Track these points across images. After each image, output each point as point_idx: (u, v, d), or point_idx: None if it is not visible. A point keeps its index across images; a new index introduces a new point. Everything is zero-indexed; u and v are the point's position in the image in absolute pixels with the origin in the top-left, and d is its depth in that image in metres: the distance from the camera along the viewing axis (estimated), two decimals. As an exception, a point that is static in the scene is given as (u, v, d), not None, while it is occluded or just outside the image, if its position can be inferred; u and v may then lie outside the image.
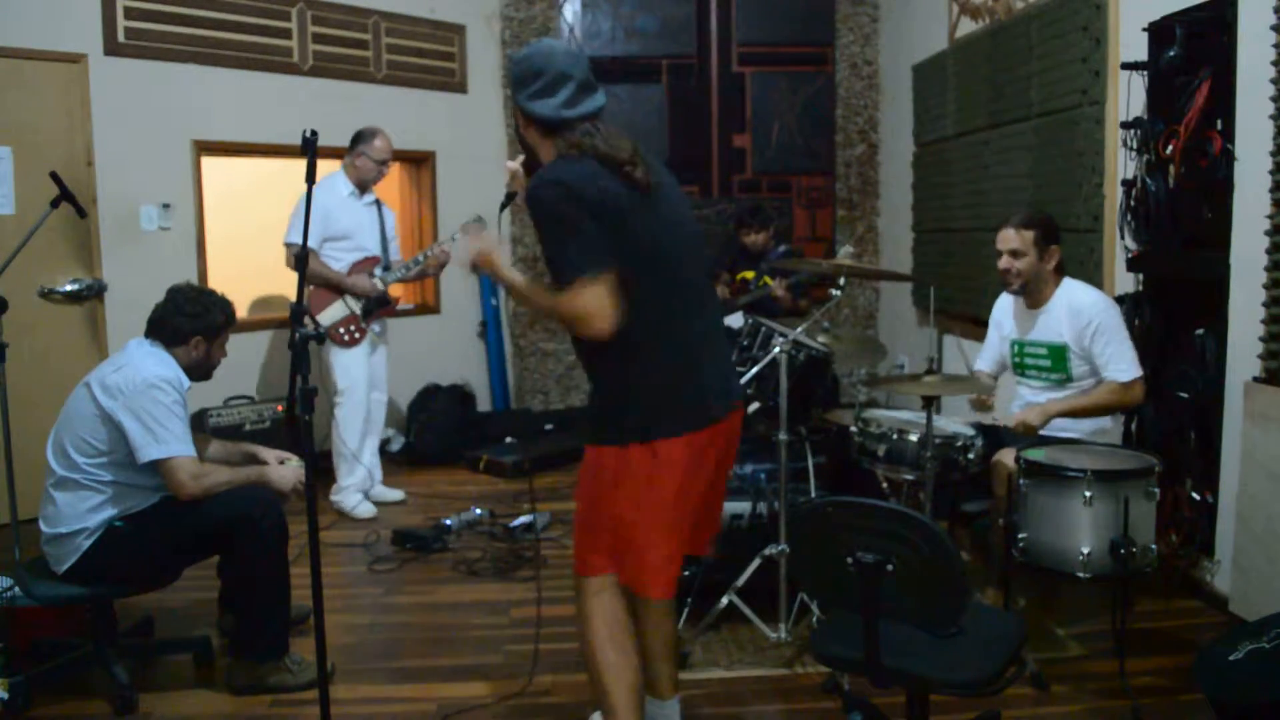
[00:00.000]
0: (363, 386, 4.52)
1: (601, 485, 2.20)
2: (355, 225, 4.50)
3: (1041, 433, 3.18)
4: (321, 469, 4.67)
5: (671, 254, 2.16)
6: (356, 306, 4.47)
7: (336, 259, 4.45)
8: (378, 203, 4.66)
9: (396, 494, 4.75)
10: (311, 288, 4.40)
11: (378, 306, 4.52)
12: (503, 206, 2.48)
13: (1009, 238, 3.21)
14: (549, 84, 2.15)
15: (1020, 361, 3.34)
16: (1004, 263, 3.23)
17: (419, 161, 5.88)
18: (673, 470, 2.15)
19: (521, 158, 2.37)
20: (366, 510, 4.53)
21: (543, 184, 2.09)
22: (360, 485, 4.60)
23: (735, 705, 2.74)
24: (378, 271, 4.55)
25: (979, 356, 3.58)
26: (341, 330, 4.44)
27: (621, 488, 2.16)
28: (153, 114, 4.64)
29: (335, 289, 4.42)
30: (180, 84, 4.72)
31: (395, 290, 4.77)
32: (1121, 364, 3.10)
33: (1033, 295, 3.25)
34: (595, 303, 2.02)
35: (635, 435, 2.14)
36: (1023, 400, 3.35)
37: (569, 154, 2.13)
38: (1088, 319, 3.12)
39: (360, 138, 4.49)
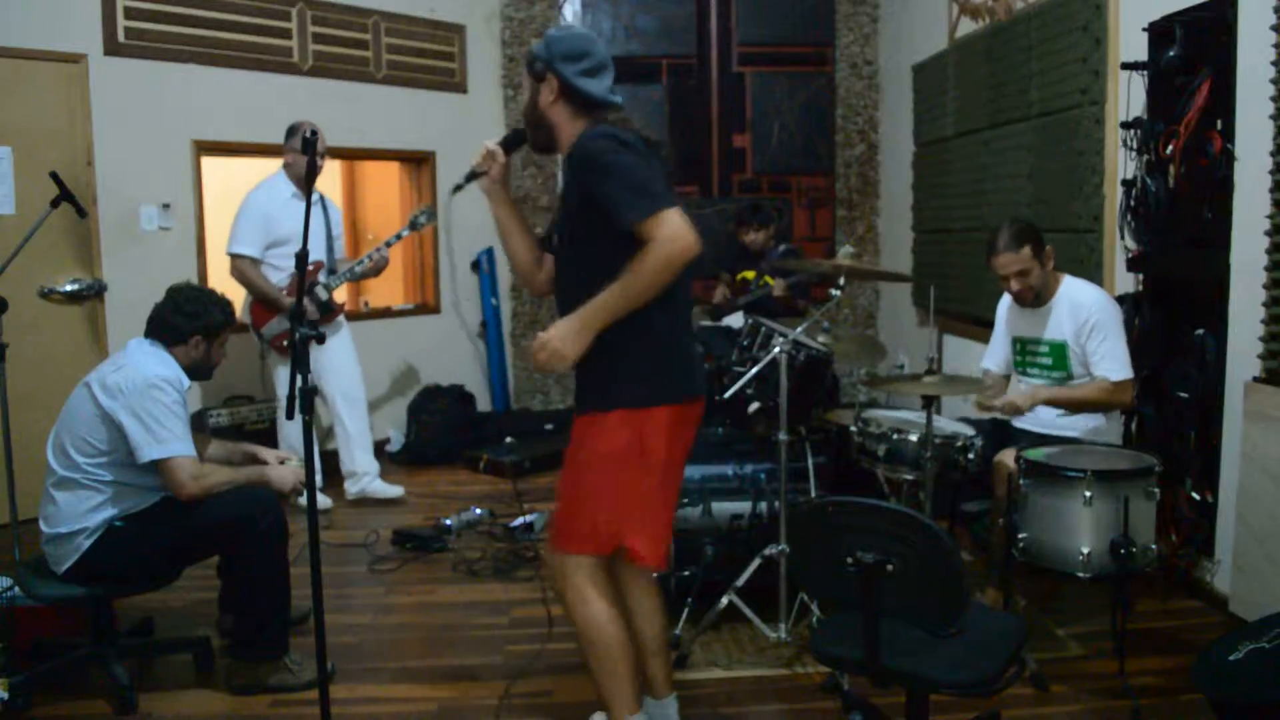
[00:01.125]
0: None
1: (594, 455, 2.19)
2: (298, 229, 4.39)
3: (1041, 432, 3.18)
4: (323, 469, 4.68)
5: None
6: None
7: (279, 266, 4.35)
8: (322, 200, 4.56)
9: (396, 490, 4.75)
10: (252, 299, 4.37)
11: (322, 315, 4.44)
12: (457, 188, 2.37)
13: (1009, 262, 3.16)
14: (597, 66, 2.19)
15: (1022, 359, 3.34)
16: (1015, 286, 3.19)
17: (419, 161, 5.88)
18: (660, 436, 2.16)
19: (499, 138, 2.35)
20: (383, 489, 4.59)
21: (601, 137, 2.10)
22: (366, 478, 4.67)
23: (735, 705, 2.74)
24: (322, 277, 4.44)
25: (986, 354, 3.57)
26: (285, 342, 4.32)
27: (614, 456, 2.16)
28: (153, 114, 4.64)
29: (275, 307, 4.35)
30: (180, 84, 4.72)
31: (342, 295, 4.65)
32: (1114, 363, 3.09)
33: (1038, 296, 3.25)
34: (684, 223, 2.00)
35: (631, 401, 2.14)
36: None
37: (616, 125, 2.14)
38: (1087, 315, 3.12)
39: (290, 132, 4.41)
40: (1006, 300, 3.45)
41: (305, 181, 2.32)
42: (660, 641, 2.43)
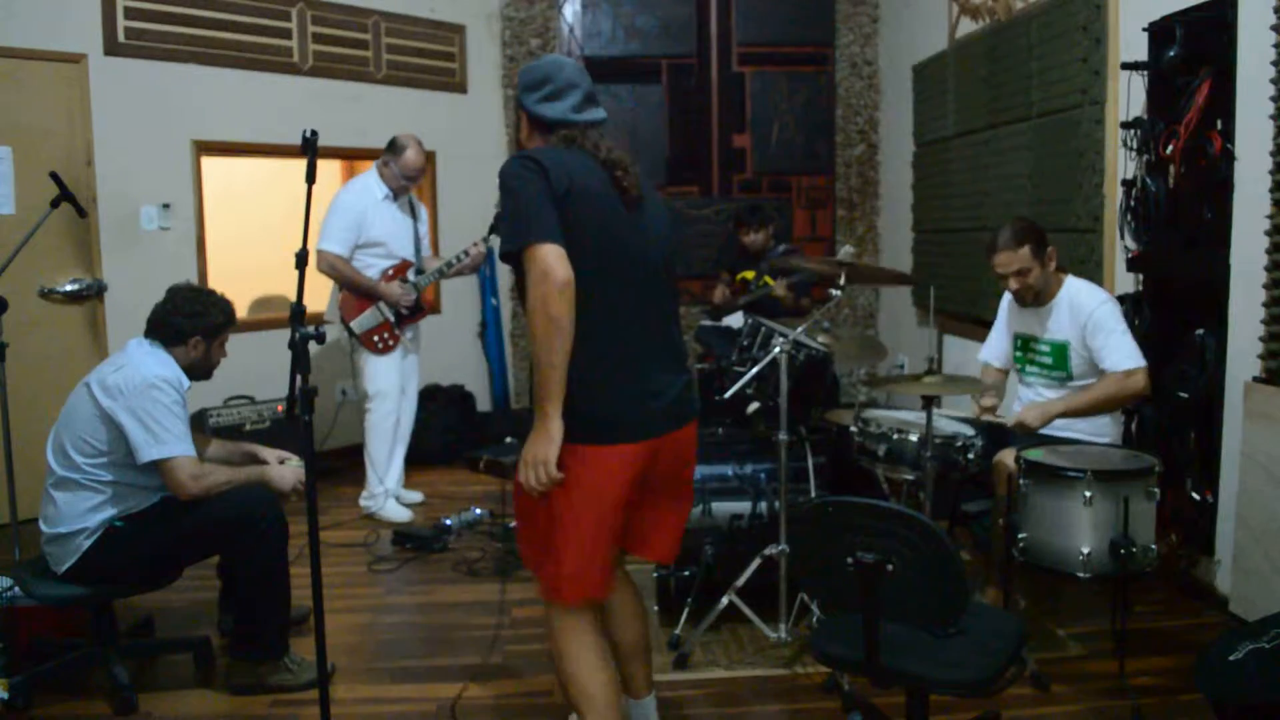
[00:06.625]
0: (394, 393, 4.41)
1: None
2: (391, 232, 4.35)
3: (1042, 432, 3.18)
4: (323, 469, 4.68)
5: (637, 264, 2.13)
6: (390, 313, 4.35)
7: (369, 265, 4.31)
8: (411, 200, 4.52)
9: (415, 495, 4.72)
10: (344, 293, 4.32)
11: (413, 313, 4.42)
12: (494, 228, 2.36)
13: (1009, 260, 3.14)
14: (558, 90, 2.17)
15: (1024, 356, 3.34)
16: (1014, 285, 3.18)
17: (419, 161, 5.87)
18: (602, 480, 2.06)
19: None
20: (399, 513, 4.44)
21: (515, 158, 2.08)
22: (391, 491, 4.51)
23: (735, 705, 2.74)
24: (410, 276, 4.40)
25: (985, 348, 3.56)
26: (375, 338, 4.32)
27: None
28: (153, 114, 4.64)
29: (369, 295, 4.30)
30: (180, 84, 4.72)
31: (426, 295, 4.58)
32: (1119, 354, 3.06)
33: (1037, 295, 3.25)
34: (554, 258, 1.94)
35: (570, 438, 2.03)
36: (1024, 400, 3.34)
37: (559, 144, 2.13)
38: (1086, 316, 3.11)
39: (392, 148, 4.31)
40: (1009, 298, 3.45)
41: (307, 180, 2.30)
42: (638, 647, 2.36)
